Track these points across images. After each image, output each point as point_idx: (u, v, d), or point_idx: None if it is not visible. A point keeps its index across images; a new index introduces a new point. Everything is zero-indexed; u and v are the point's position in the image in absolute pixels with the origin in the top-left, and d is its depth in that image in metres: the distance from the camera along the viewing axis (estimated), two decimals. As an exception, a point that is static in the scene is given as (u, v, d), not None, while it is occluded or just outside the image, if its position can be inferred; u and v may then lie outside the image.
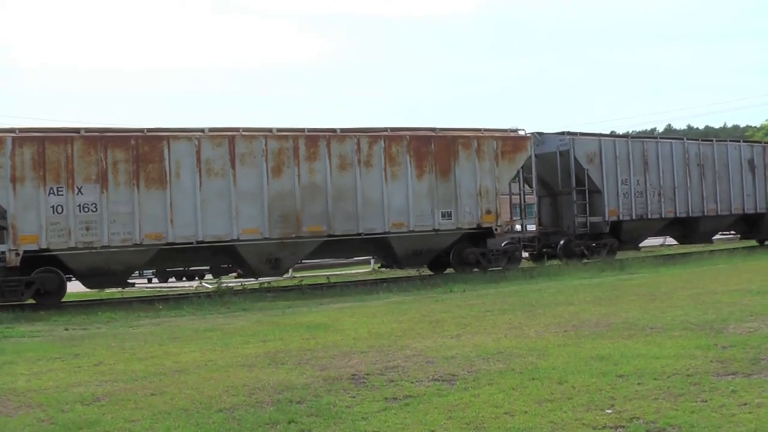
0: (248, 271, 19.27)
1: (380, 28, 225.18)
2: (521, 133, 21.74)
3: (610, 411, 5.67)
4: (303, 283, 20.93)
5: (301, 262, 22.19)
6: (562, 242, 23.03)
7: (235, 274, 25.90)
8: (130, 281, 18.25)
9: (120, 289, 18.89)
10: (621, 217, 23.44)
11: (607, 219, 23.13)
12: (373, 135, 19.26)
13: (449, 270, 21.01)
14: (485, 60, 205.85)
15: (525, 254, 23.74)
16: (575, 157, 22.82)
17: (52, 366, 8.80)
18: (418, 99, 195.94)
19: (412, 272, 22.00)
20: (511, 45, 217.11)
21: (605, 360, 7.41)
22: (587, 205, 23.00)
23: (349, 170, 18.77)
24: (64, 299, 16.98)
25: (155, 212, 16.87)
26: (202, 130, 17.61)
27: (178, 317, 14.04)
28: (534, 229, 22.61)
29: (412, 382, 6.93)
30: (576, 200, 22.96)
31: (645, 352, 7.74)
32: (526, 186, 23.37)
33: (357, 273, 25.70)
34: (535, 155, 22.33)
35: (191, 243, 17.31)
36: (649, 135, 32.07)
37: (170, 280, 30.00)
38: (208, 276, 28.06)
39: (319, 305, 14.95)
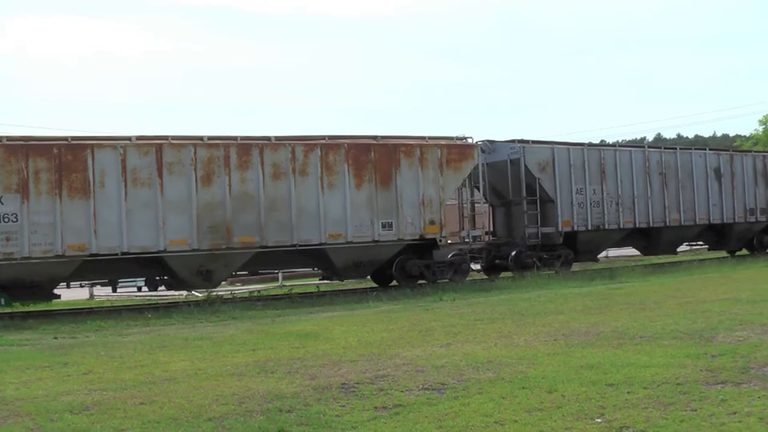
0: (180, 283, 18.80)
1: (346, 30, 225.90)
2: (468, 140, 21.19)
3: (600, 420, 5.69)
4: (293, 291, 20.90)
5: (235, 274, 21.84)
6: (513, 253, 22.25)
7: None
8: (55, 292, 17.76)
9: (109, 295, 18.78)
10: (576, 228, 22.70)
11: (560, 230, 22.40)
12: (309, 143, 18.79)
13: (394, 282, 20.47)
14: (466, 65, 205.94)
15: (476, 266, 23.16)
16: (526, 166, 22.15)
17: (41, 375, 8.75)
18: (404, 109, 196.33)
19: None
20: (498, 50, 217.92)
21: (595, 369, 7.43)
22: (539, 215, 22.32)
23: (283, 179, 18.30)
24: (52, 307, 16.86)
25: (78, 223, 16.42)
26: (128, 139, 17.21)
27: (168, 326, 14.00)
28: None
29: (401, 391, 6.92)
30: (527, 210, 22.29)
31: (635, 361, 7.77)
32: (477, 195, 22.93)
33: (346, 281, 25.64)
34: (487, 164, 22.02)
35: (116, 254, 16.87)
36: (607, 144, 30.97)
37: (160, 288, 29.89)
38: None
39: (308, 314, 14.94)
